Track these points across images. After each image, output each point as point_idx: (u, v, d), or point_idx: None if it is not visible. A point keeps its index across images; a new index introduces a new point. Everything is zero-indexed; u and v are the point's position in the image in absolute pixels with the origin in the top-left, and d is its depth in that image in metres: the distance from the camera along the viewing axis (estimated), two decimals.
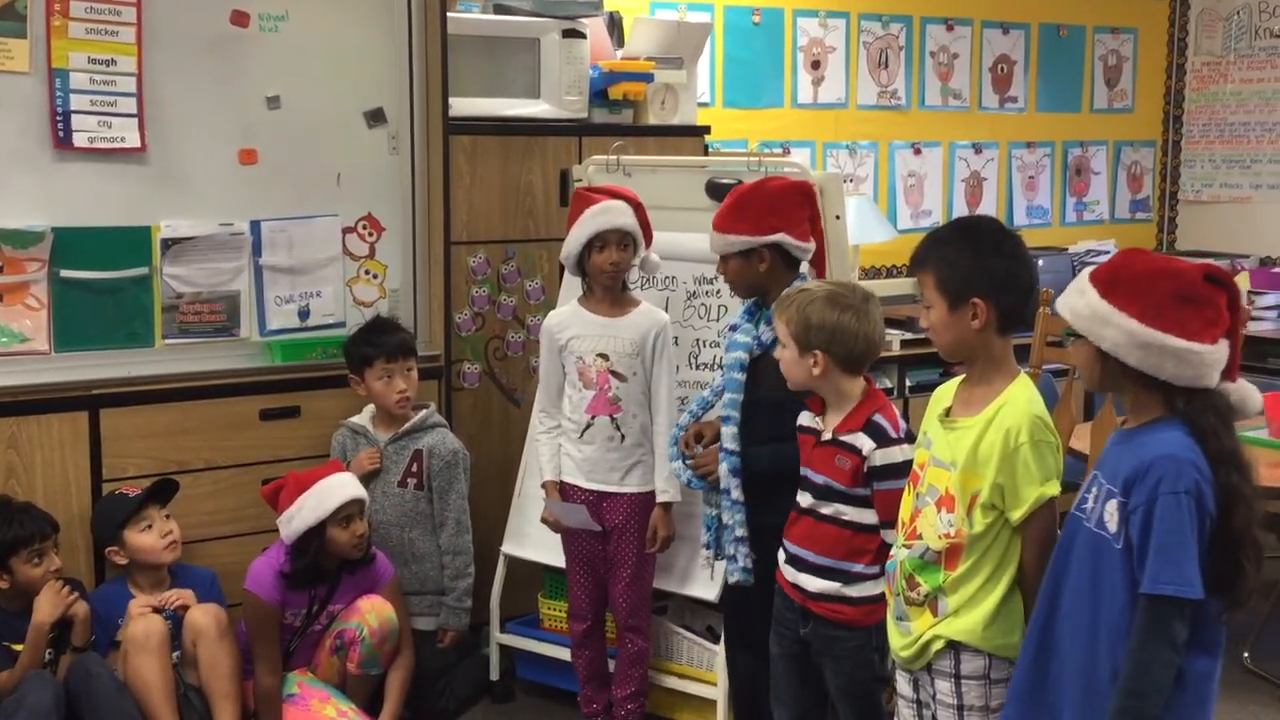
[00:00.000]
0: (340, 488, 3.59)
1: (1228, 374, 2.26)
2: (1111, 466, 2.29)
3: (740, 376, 3.24)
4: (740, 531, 3.18)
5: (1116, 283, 2.25)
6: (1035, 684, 2.39)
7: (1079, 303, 2.29)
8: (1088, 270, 2.35)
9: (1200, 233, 6.90)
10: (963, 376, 2.64)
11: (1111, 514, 2.24)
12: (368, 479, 3.81)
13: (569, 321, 3.62)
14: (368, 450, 3.86)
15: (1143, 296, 2.22)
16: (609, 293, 3.59)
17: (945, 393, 2.66)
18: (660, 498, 3.57)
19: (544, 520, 3.70)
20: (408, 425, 3.88)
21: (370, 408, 3.92)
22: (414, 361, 3.90)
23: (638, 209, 3.57)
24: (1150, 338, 2.20)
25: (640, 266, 3.64)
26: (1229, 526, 2.20)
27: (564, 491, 3.63)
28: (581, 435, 3.58)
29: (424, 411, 3.92)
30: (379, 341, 3.85)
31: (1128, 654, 2.20)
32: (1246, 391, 2.30)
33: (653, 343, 3.56)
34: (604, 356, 3.55)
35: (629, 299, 3.63)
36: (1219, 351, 2.22)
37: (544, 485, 3.67)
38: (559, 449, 3.65)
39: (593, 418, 3.56)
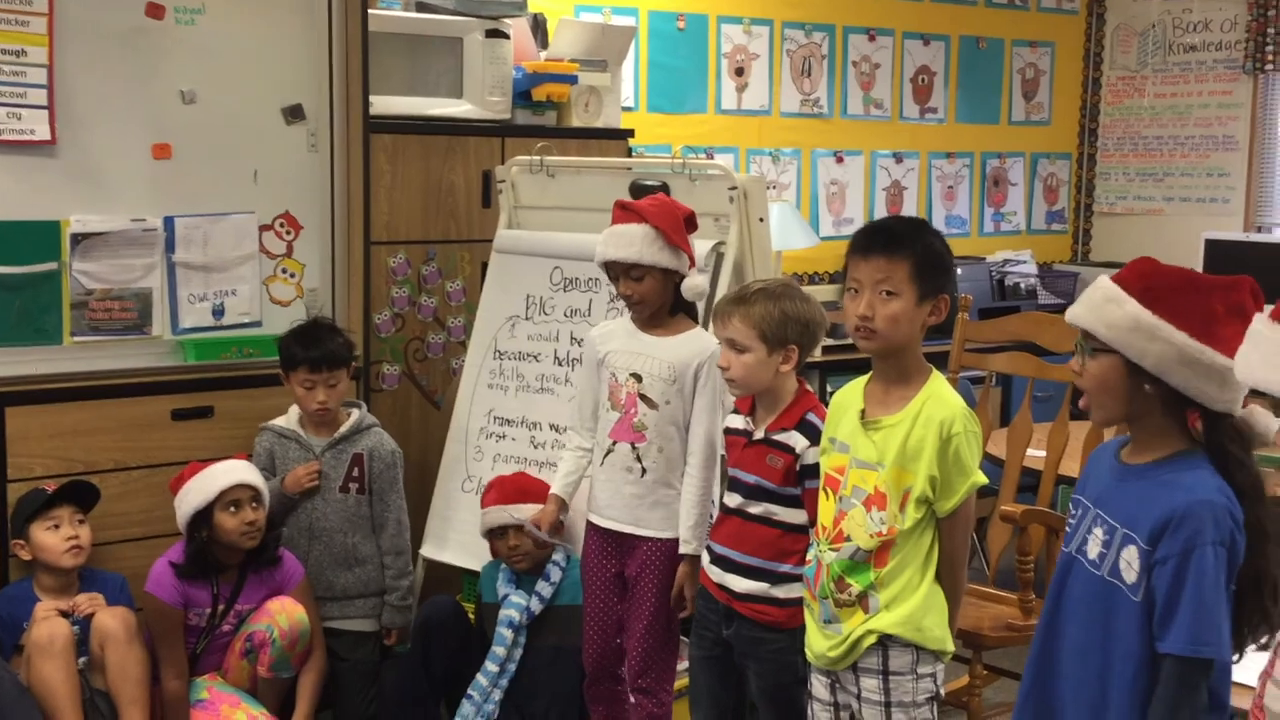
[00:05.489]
0: (227, 472, 3.50)
1: None
2: (1126, 507, 2.09)
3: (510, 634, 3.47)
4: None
5: (1158, 292, 2.04)
6: None
7: (1116, 313, 2.05)
8: (1106, 277, 2.12)
9: (1114, 244, 7.02)
10: (865, 378, 2.62)
11: (1130, 562, 2.05)
12: (307, 494, 3.72)
13: (614, 334, 3.29)
14: (307, 465, 3.74)
15: (1194, 309, 2.01)
16: (649, 318, 3.23)
17: (849, 396, 2.63)
18: (683, 548, 3.13)
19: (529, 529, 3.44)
20: (344, 429, 3.78)
21: (295, 409, 3.83)
22: (343, 372, 3.77)
23: (671, 227, 3.13)
24: (1199, 354, 2.00)
25: (680, 290, 3.20)
26: (1254, 565, 2.03)
27: (586, 534, 3.32)
28: (602, 461, 3.24)
29: (357, 414, 3.83)
30: (306, 350, 3.73)
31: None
32: (1264, 417, 2.09)
33: (694, 373, 3.15)
34: (637, 377, 3.18)
35: (681, 322, 3.24)
36: None
37: (549, 496, 3.39)
38: (578, 468, 3.34)
39: (614, 443, 3.21)
